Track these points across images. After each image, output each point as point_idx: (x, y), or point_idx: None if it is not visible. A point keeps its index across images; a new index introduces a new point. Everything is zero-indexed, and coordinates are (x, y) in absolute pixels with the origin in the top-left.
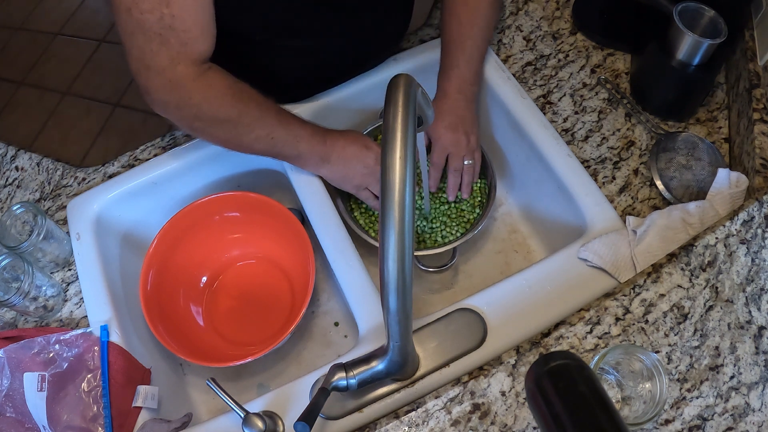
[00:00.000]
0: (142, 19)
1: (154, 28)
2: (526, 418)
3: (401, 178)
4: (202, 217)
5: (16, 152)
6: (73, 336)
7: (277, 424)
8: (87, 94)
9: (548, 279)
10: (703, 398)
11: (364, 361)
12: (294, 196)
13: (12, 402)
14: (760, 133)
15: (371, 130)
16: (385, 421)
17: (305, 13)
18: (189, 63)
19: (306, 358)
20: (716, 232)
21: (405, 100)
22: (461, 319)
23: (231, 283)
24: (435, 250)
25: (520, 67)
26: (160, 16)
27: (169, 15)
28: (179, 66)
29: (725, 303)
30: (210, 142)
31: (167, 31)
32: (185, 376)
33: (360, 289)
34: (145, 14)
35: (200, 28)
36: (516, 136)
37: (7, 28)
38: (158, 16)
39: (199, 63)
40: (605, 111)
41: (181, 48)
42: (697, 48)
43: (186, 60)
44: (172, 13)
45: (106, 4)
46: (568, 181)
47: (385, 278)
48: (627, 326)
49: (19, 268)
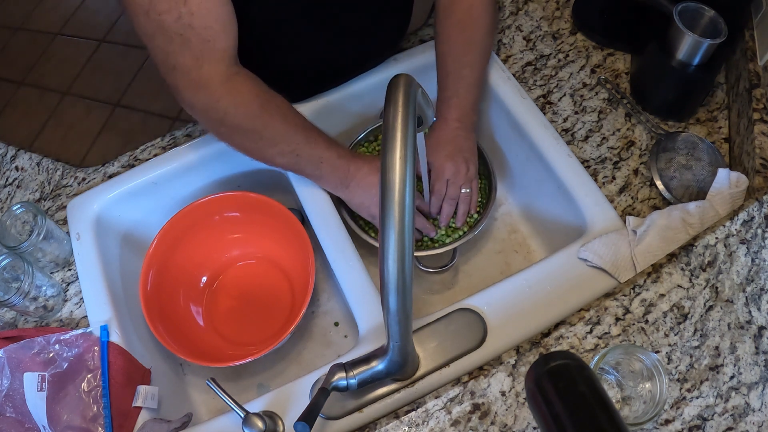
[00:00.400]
0: (161, 20)
1: (173, 28)
2: (526, 418)
3: (401, 178)
4: (202, 217)
5: (16, 152)
6: (73, 336)
7: (277, 424)
8: (87, 94)
9: (548, 279)
10: (703, 398)
11: (364, 361)
12: (294, 196)
13: (12, 402)
14: (760, 133)
15: (372, 130)
16: (385, 421)
17: (305, 13)
18: (214, 62)
19: (306, 358)
20: (716, 232)
21: (405, 100)
22: (461, 319)
23: (231, 283)
24: (435, 250)
25: (520, 67)
26: (178, 16)
27: (188, 13)
28: (204, 65)
29: (725, 303)
30: (234, 148)
31: (187, 30)
32: (185, 376)
33: (360, 289)
34: (163, 15)
35: (221, 23)
36: (516, 136)
37: (7, 28)
38: (176, 16)
39: (225, 63)
40: (605, 111)
41: (204, 46)
42: (697, 48)
43: (211, 59)
44: (191, 11)
45: (107, 5)
46: (568, 181)
47: (385, 278)
48: (627, 326)
49: (19, 268)
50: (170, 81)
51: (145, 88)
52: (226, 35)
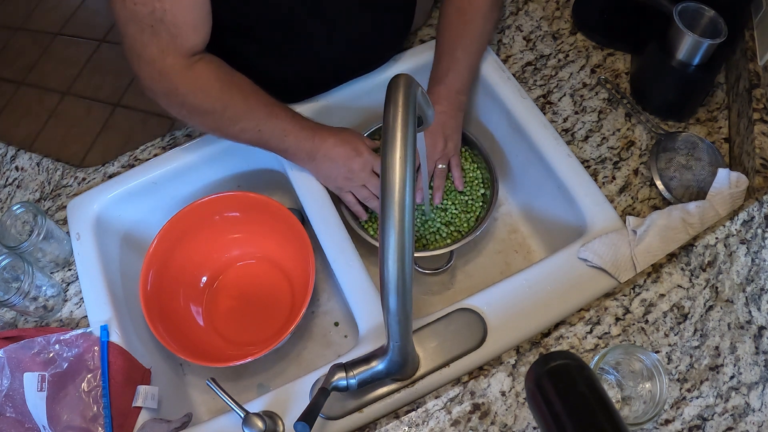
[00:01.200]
0: (135, 10)
1: (145, 20)
2: (526, 418)
3: (401, 178)
4: (202, 217)
5: (16, 152)
6: (73, 336)
7: (277, 424)
8: (87, 94)
9: (548, 279)
10: (703, 398)
11: (364, 361)
12: (294, 196)
13: (12, 402)
14: (760, 133)
15: (374, 130)
16: (385, 421)
17: (307, 13)
18: (178, 55)
19: (306, 358)
20: (716, 232)
21: (405, 100)
22: (461, 319)
23: (231, 283)
24: (432, 252)
25: (520, 67)
26: (152, 9)
27: (161, 9)
28: (168, 57)
29: (725, 303)
30: (198, 129)
31: (158, 24)
32: (185, 376)
33: (360, 289)
34: (138, 5)
35: (192, 24)
36: (516, 136)
37: (7, 28)
38: (150, 9)
39: (189, 55)
40: (605, 111)
41: (171, 41)
42: (697, 48)
43: (175, 52)
44: (164, 8)
45: (106, 5)
46: (568, 181)
47: (385, 278)
48: (627, 326)
49: (19, 268)
50: (134, 68)
51: None
52: (196, 34)
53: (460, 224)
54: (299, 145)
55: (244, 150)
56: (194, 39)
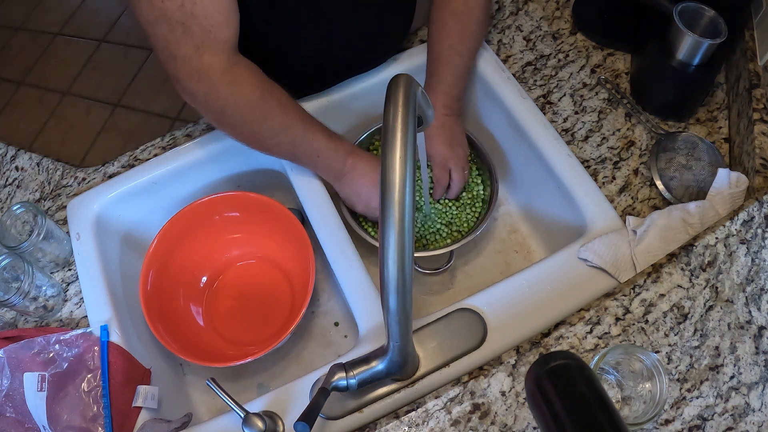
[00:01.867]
0: (164, 7)
1: (176, 16)
2: (526, 418)
3: (401, 178)
4: (202, 217)
5: (16, 152)
6: (73, 336)
7: (277, 424)
8: (87, 94)
9: (548, 279)
10: (703, 398)
11: (364, 361)
12: (294, 196)
13: (12, 402)
14: (760, 133)
15: (375, 130)
16: (385, 421)
17: (311, 10)
18: (215, 52)
19: (306, 358)
20: (716, 232)
21: (405, 100)
22: (461, 319)
23: (231, 283)
24: (432, 252)
25: (520, 67)
26: (181, 4)
27: (191, 2)
28: (205, 55)
29: (725, 303)
30: (233, 138)
31: (189, 19)
32: (185, 376)
33: (360, 289)
34: (165, 2)
35: (223, 14)
36: (516, 136)
37: (7, 28)
38: (179, 4)
39: (225, 53)
40: (605, 111)
41: (205, 36)
42: (697, 48)
43: (211, 48)
44: (194, 0)
45: (107, 5)
46: (568, 181)
47: (385, 278)
48: (627, 326)
49: (19, 268)
50: (170, 70)
51: (145, 88)
52: (228, 26)
53: (460, 224)
54: (329, 166)
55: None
56: (227, 31)
